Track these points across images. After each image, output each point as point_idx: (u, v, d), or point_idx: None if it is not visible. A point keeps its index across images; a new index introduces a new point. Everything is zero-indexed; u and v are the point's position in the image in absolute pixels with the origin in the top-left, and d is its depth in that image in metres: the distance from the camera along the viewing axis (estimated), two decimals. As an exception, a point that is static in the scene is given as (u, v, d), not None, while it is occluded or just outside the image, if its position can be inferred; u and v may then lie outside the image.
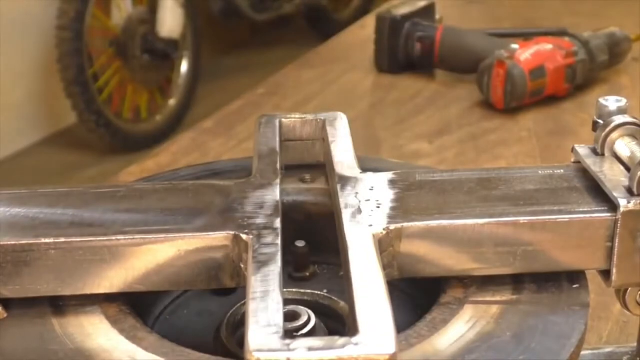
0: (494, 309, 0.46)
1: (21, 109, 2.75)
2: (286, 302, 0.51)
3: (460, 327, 0.45)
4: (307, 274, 0.57)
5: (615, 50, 1.21)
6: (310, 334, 0.47)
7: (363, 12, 3.13)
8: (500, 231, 0.47)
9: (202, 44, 2.95)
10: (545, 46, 1.14)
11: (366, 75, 1.30)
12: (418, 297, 0.54)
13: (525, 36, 1.21)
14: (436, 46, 1.24)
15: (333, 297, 0.53)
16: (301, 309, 0.48)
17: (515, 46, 1.12)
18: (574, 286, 0.48)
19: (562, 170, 0.52)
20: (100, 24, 2.69)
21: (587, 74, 1.17)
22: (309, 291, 0.54)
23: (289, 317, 0.47)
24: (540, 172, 0.52)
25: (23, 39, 2.62)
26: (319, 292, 0.54)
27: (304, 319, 0.47)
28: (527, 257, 0.47)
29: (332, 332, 0.49)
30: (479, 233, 0.46)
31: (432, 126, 1.10)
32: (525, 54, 1.11)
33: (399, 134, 1.08)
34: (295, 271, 0.57)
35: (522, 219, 0.47)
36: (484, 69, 1.12)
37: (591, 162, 0.51)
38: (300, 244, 0.56)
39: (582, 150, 0.53)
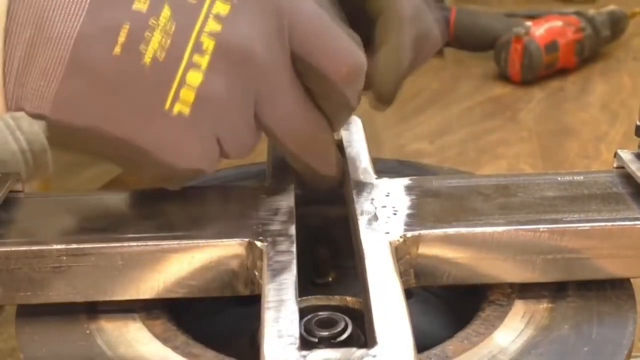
0: (544, 302, 0.46)
1: (21, 109, 2.75)
2: (317, 308, 0.51)
3: (517, 322, 0.44)
4: (330, 279, 0.56)
5: (616, 27, 1.32)
6: (347, 340, 0.46)
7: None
8: (530, 239, 0.46)
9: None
10: (556, 23, 1.25)
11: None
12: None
13: (532, 16, 1.29)
14: (450, 26, 1.32)
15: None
16: (338, 315, 0.48)
17: (529, 23, 1.22)
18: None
19: (604, 175, 0.52)
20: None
21: (592, 48, 1.28)
22: (337, 296, 0.54)
23: (326, 324, 0.46)
24: (577, 177, 0.51)
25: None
26: (349, 297, 0.53)
27: (341, 325, 0.47)
28: (567, 265, 0.46)
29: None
30: (508, 241, 0.45)
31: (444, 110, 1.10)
32: (539, 30, 1.22)
33: (400, 134, 1.08)
34: (317, 277, 0.56)
35: (563, 227, 0.46)
36: (502, 45, 1.22)
37: (636, 168, 0.50)
38: (321, 249, 0.55)
39: (626, 155, 0.52)
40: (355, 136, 0.57)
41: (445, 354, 0.42)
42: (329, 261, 0.56)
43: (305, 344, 0.45)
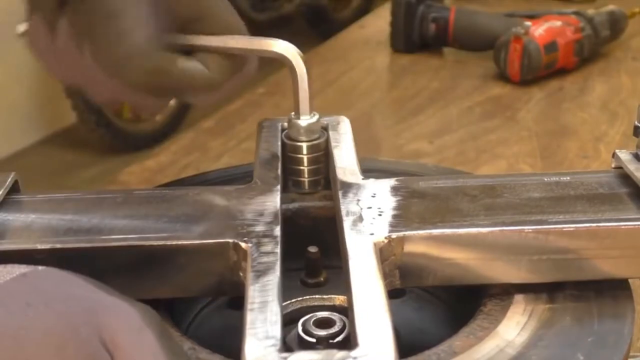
0: (544, 296, 0.46)
1: (21, 109, 2.75)
2: (314, 308, 0.50)
3: (520, 316, 0.45)
4: (321, 279, 0.56)
5: (615, 26, 1.31)
6: (345, 340, 0.46)
7: (363, 12, 3.12)
8: (514, 239, 0.45)
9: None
10: (555, 23, 1.24)
11: (367, 75, 1.30)
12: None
13: (532, 16, 1.29)
14: (450, 26, 1.31)
15: None
16: (335, 315, 0.48)
17: (528, 23, 1.21)
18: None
19: (602, 176, 0.51)
20: (100, 23, 2.68)
21: (592, 47, 1.27)
22: (331, 296, 0.54)
23: (324, 324, 0.46)
24: (564, 178, 0.51)
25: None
26: (343, 296, 0.53)
27: (339, 325, 0.47)
28: (555, 265, 0.46)
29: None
30: (493, 241, 0.45)
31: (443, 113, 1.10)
32: (539, 30, 1.21)
33: (399, 134, 1.08)
34: (308, 277, 0.56)
35: (547, 227, 0.46)
36: (501, 45, 1.21)
37: (634, 168, 0.50)
38: (312, 249, 0.55)
39: (624, 155, 0.52)
40: (343, 136, 0.57)
41: (453, 350, 0.42)
42: (321, 261, 0.56)
43: (303, 345, 0.45)
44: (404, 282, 0.46)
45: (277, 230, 0.46)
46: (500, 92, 1.20)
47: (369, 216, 0.47)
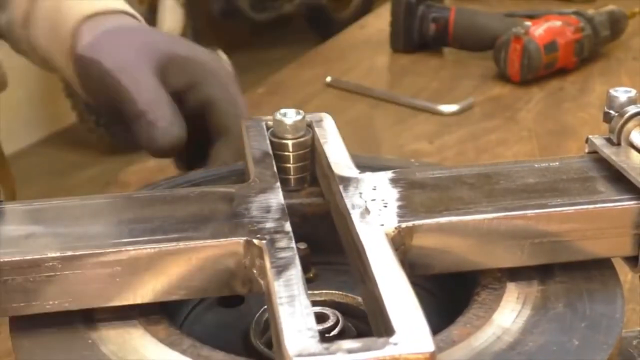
0: (535, 284, 0.47)
1: (21, 108, 2.75)
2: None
3: (513, 304, 0.45)
4: (311, 275, 0.56)
5: (615, 26, 1.32)
6: (340, 334, 0.46)
7: (363, 11, 3.12)
8: (518, 224, 0.46)
9: (202, 44, 2.95)
10: (555, 23, 1.24)
11: (367, 75, 1.30)
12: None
13: (532, 16, 1.29)
14: (450, 26, 1.32)
15: (349, 295, 0.53)
16: (328, 310, 0.48)
17: (528, 23, 1.21)
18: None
19: (578, 161, 0.52)
20: (100, 23, 2.69)
21: (592, 47, 1.27)
22: (323, 291, 0.54)
23: (318, 319, 0.46)
24: (552, 164, 0.52)
25: (23, 39, 2.62)
26: (334, 292, 0.54)
27: (332, 319, 0.47)
28: (552, 247, 0.47)
29: (359, 330, 0.50)
30: (498, 227, 0.46)
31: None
32: (538, 29, 1.22)
33: (399, 134, 1.08)
34: None
35: (549, 211, 0.47)
36: (501, 44, 1.22)
37: (610, 152, 0.51)
38: (301, 245, 0.55)
39: (598, 140, 0.53)
40: (329, 132, 0.57)
41: (452, 339, 0.43)
42: (310, 258, 0.56)
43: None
44: (413, 271, 0.46)
45: (288, 226, 0.46)
46: (500, 92, 1.20)
47: (375, 208, 0.47)
